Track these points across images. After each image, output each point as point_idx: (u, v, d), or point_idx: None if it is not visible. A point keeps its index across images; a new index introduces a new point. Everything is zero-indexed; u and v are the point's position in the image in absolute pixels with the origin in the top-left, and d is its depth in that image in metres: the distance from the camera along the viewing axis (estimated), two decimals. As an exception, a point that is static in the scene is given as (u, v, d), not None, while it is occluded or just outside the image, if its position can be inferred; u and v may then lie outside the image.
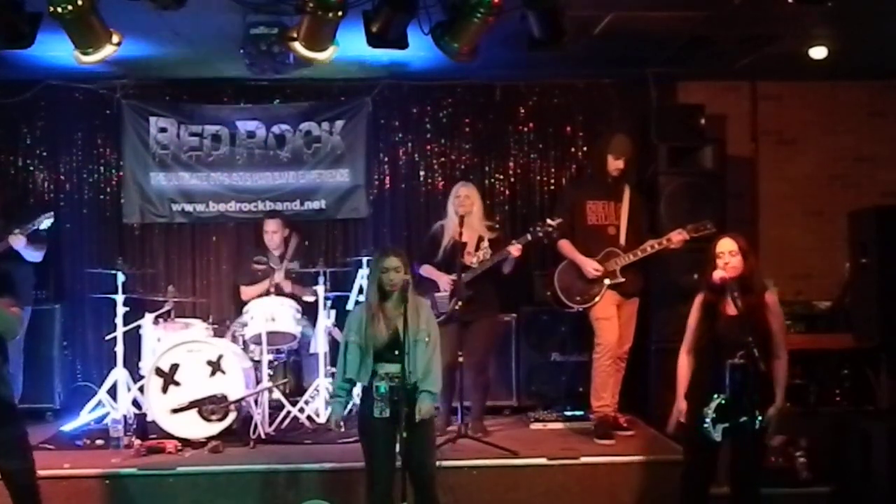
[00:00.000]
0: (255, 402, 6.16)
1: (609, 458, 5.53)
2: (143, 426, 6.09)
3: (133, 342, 6.62)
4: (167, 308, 6.61)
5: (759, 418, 4.30)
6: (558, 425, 6.44)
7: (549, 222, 5.91)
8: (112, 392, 6.46)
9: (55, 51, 5.81)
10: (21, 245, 6.26)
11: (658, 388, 6.32)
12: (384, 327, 4.40)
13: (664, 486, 5.19)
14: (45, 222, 6.32)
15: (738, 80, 7.52)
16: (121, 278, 6.45)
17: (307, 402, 6.48)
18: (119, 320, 6.45)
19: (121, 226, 7.46)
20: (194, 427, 5.99)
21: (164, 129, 7.41)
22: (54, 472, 5.21)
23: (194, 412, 5.99)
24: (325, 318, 6.54)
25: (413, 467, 4.35)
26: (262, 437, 6.01)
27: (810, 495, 5.56)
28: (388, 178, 7.56)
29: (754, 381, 4.27)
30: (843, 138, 7.64)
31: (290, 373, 6.90)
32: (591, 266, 6.03)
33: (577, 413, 6.50)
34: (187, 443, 5.91)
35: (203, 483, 5.33)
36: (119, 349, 6.45)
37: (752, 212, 7.61)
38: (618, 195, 6.21)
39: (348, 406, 4.73)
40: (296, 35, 5.30)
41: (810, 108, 7.65)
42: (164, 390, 6.04)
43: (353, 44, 5.50)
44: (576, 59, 6.35)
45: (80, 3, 4.65)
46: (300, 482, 5.31)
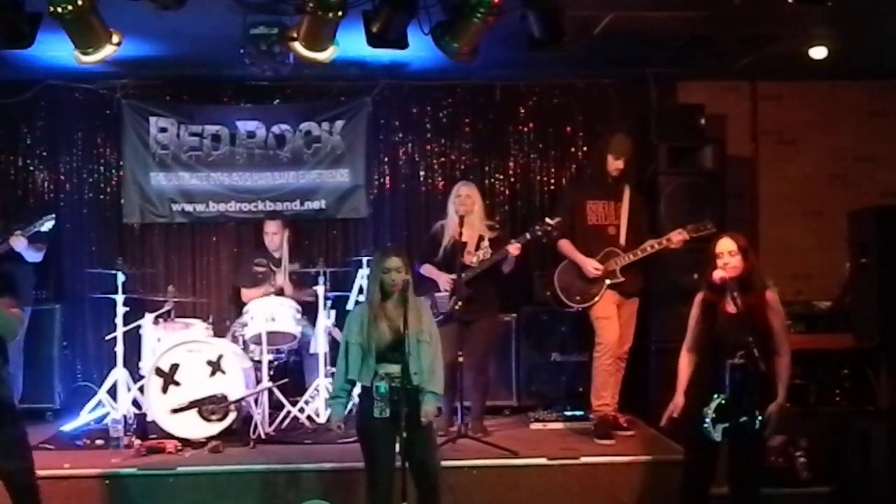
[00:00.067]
0: (255, 402, 6.17)
1: (609, 458, 5.53)
2: (143, 426, 6.09)
3: (133, 342, 6.62)
4: (167, 308, 6.61)
5: (759, 418, 4.30)
6: (558, 425, 6.44)
7: (548, 221, 5.91)
8: (112, 392, 6.46)
9: (55, 51, 5.81)
10: (22, 246, 6.28)
11: (658, 388, 6.30)
12: (387, 328, 4.39)
13: (664, 486, 5.19)
14: (46, 224, 6.33)
15: (738, 80, 7.52)
16: (121, 278, 6.45)
17: (307, 402, 6.47)
18: (119, 320, 6.46)
19: (121, 226, 7.46)
20: (194, 427, 5.99)
21: (164, 129, 7.40)
22: (54, 472, 5.20)
23: (194, 412, 5.99)
24: (325, 318, 6.54)
25: (416, 468, 4.34)
26: (262, 437, 6.01)
27: (810, 495, 5.55)
28: (388, 178, 7.56)
29: (754, 381, 4.26)
30: (843, 138, 7.64)
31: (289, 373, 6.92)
32: (592, 265, 6.03)
33: (577, 413, 6.50)
34: (187, 443, 5.91)
35: (203, 483, 5.32)
36: (119, 349, 6.46)
37: (752, 212, 7.61)
38: (618, 195, 6.21)
39: (348, 406, 4.72)
40: (296, 35, 5.30)
41: (810, 108, 7.65)
42: (164, 390, 6.04)
43: (353, 44, 5.50)
44: (576, 59, 6.35)
45: (80, 3, 4.65)
46: (300, 482, 5.31)
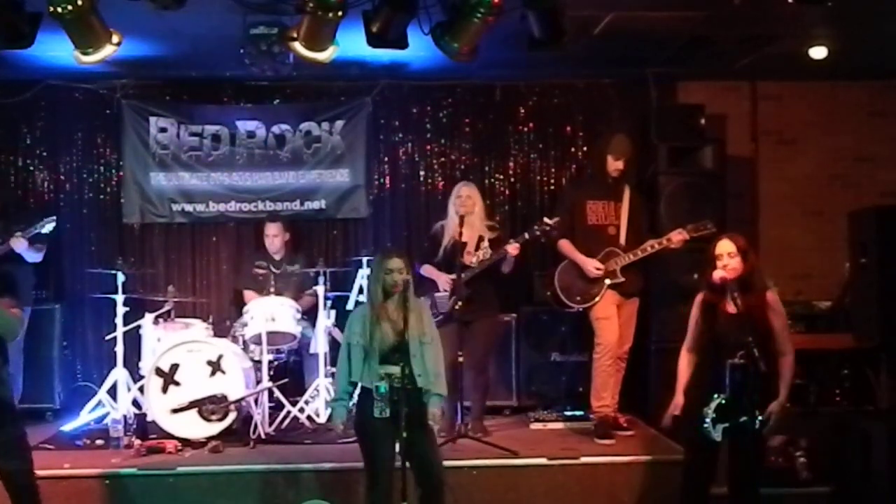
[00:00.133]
0: (255, 402, 6.17)
1: (609, 458, 5.53)
2: (143, 426, 6.09)
3: (133, 342, 6.62)
4: (167, 308, 6.60)
5: (760, 418, 4.29)
6: (558, 425, 6.44)
7: (547, 221, 5.90)
8: (112, 392, 6.46)
9: (55, 51, 5.81)
10: (22, 248, 6.29)
11: (658, 388, 6.30)
12: (390, 329, 4.39)
13: (664, 486, 5.19)
14: (47, 226, 6.34)
15: (738, 80, 7.52)
16: (121, 278, 6.46)
17: (307, 402, 6.47)
18: (119, 320, 6.46)
19: (121, 226, 7.45)
20: (194, 427, 5.99)
21: (164, 129, 7.40)
22: (54, 472, 5.20)
23: (194, 412, 5.99)
24: (325, 318, 6.54)
25: (419, 466, 4.35)
26: (262, 437, 6.01)
27: (810, 495, 5.55)
28: (388, 178, 7.56)
29: (754, 381, 4.26)
30: (843, 138, 7.64)
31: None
32: (593, 265, 6.03)
33: (577, 413, 6.50)
34: (187, 443, 5.91)
35: (203, 483, 5.32)
36: (119, 349, 6.46)
37: (752, 212, 7.61)
38: (618, 195, 6.21)
39: (349, 408, 4.72)
40: (296, 35, 5.30)
41: (810, 108, 7.65)
42: (164, 390, 6.04)
43: (353, 44, 5.50)
44: (576, 59, 6.35)
45: (80, 3, 4.64)
46: (300, 482, 5.31)
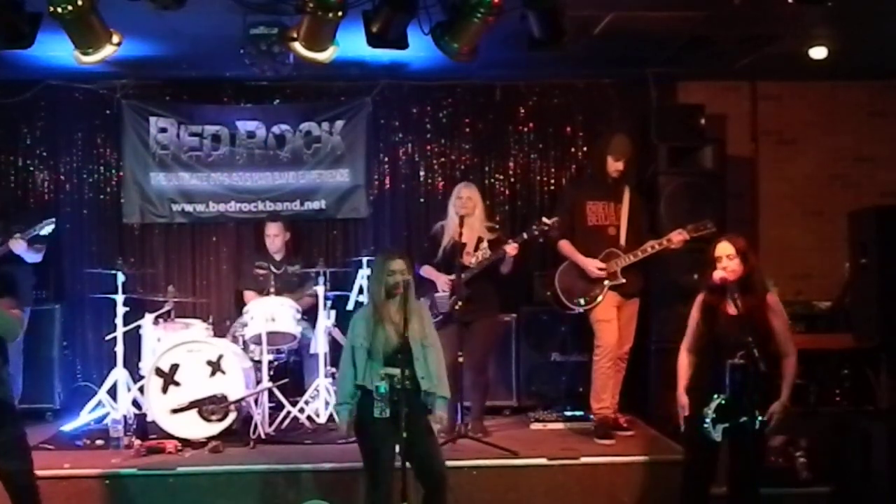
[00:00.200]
0: (255, 402, 6.17)
1: (609, 458, 5.53)
2: (143, 426, 6.09)
3: (133, 342, 6.62)
4: (167, 308, 6.61)
5: (759, 418, 4.29)
6: (558, 425, 6.44)
7: (545, 221, 5.90)
8: (112, 392, 6.46)
9: (55, 51, 5.81)
10: (21, 249, 6.29)
11: (658, 388, 6.32)
12: (393, 331, 4.40)
13: (664, 486, 5.19)
14: (46, 228, 6.34)
15: (738, 80, 7.51)
16: (121, 278, 6.46)
17: (307, 403, 6.47)
18: (119, 320, 6.46)
19: (121, 226, 7.45)
20: (194, 427, 5.99)
21: (164, 129, 7.40)
22: (54, 472, 5.21)
23: (194, 412, 5.99)
24: (325, 319, 6.54)
25: (420, 465, 4.37)
26: (262, 437, 6.01)
27: (810, 495, 5.55)
28: (388, 178, 7.56)
29: (754, 381, 4.26)
30: (843, 138, 7.63)
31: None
32: (595, 266, 6.02)
33: (577, 413, 6.50)
34: (187, 443, 5.91)
35: (203, 483, 5.32)
36: (119, 349, 6.46)
37: (752, 212, 7.61)
38: (618, 196, 6.21)
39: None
40: (296, 35, 5.30)
41: (810, 108, 7.65)
42: (164, 390, 6.04)
43: (353, 44, 5.50)
44: (576, 59, 6.35)
45: (80, 3, 4.64)
46: (300, 482, 5.31)
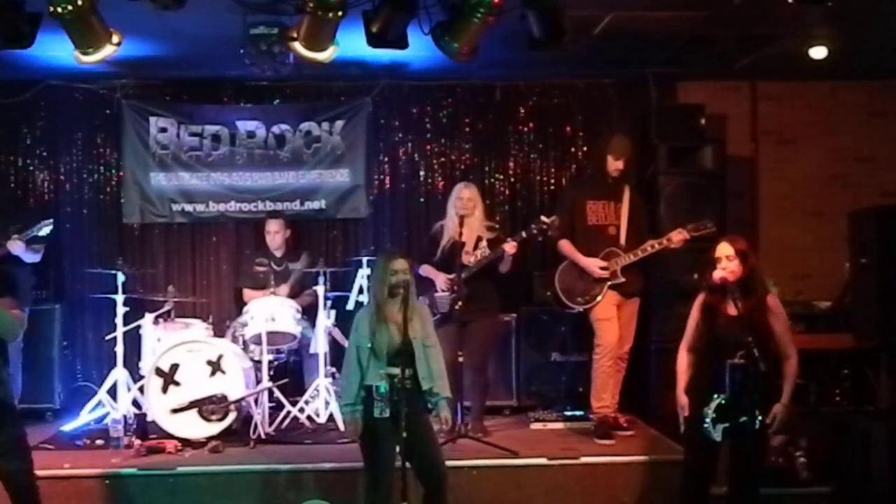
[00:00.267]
0: (255, 402, 6.17)
1: (609, 458, 5.53)
2: (143, 426, 6.09)
3: (133, 342, 6.62)
4: (167, 308, 6.61)
5: (760, 418, 4.30)
6: (558, 425, 6.44)
7: (544, 220, 5.89)
8: (112, 392, 6.46)
9: (55, 51, 5.81)
10: (19, 250, 6.28)
11: (658, 388, 6.32)
12: (396, 332, 4.41)
13: (664, 486, 5.20)
14: (44, 229, 6.32)
15: (738, 80, 7.52)
16: (121, 278, 6.46)
17: (307, 402, 6.47)
18: (119, 320, 6.46)
19: (121, 226, 7.46)
20: (194, 427, 5.99)
21: (164, 129, 7.40)
22: (54, 472, 5.21)
23: (194, 412, 5.99)
24: (325, 318, 6.54)
25: (420, 464, 4.37)
26: (262, 437, 6.00)
27: (810, 495, 5.54)
28: (388, 178, 7.56)
29: (754, 381, 4.26)
30: (843, 138, 7.64)
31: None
32: (596, 265, 6.02)
33: (577, 413, 6.50)
34: (187, 443, 5.91)
35: (203, 483, 5.32)
36: (119, 349, 6.46)
37: (752, 212, 7.61)
38: (618, 195, 6.21)
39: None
40: (296, 35, 5.30)
41: (810, 108, 7.65)
42: (164, 390, 6.04)
43: (353, 44, 5.50)
44: (576, 59, 6.35)
45: (80, 3, 4.64)
46: (300, 482, 5.31)
